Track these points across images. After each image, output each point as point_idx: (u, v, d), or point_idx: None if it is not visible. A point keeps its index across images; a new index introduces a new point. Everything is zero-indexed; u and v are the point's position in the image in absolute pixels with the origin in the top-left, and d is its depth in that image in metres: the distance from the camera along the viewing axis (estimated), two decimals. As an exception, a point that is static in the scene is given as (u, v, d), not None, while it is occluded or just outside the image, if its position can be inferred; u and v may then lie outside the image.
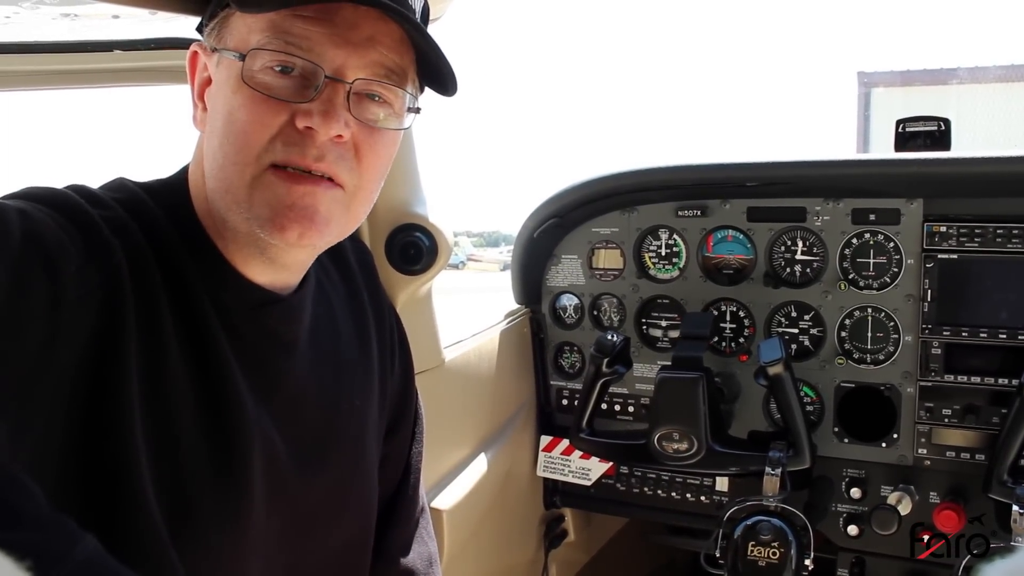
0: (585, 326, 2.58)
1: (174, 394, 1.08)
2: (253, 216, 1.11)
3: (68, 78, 1.87)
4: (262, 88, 1.09)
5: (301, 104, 1.09)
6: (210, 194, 1.15)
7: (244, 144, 1.09)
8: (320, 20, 1.09)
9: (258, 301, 1.20)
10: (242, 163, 1.10)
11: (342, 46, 1.10)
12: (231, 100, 1.10)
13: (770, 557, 1.97)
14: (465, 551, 2.18)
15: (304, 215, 1.10)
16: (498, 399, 2.44)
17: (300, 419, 1.27)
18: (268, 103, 1.08)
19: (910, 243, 2.17)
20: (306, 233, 1.11)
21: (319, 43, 1.09)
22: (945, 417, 2.15)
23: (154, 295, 1.07)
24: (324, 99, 1.09)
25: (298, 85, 1.10)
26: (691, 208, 2.40)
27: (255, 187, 1.10)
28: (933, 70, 10.81)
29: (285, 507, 1.24)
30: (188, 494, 1.08)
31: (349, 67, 1.11)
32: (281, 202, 1.10)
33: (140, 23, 1.74)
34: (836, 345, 2.27)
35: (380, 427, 1.47)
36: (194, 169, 1.21)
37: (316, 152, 1.09)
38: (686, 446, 2.11)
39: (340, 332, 1.38)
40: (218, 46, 1.15)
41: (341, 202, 1.15)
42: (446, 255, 1.87)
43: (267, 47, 1.08)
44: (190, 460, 1.09)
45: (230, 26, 1.14)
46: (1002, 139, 13.01)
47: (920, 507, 2.15)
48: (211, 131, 1.14)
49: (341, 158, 1.12)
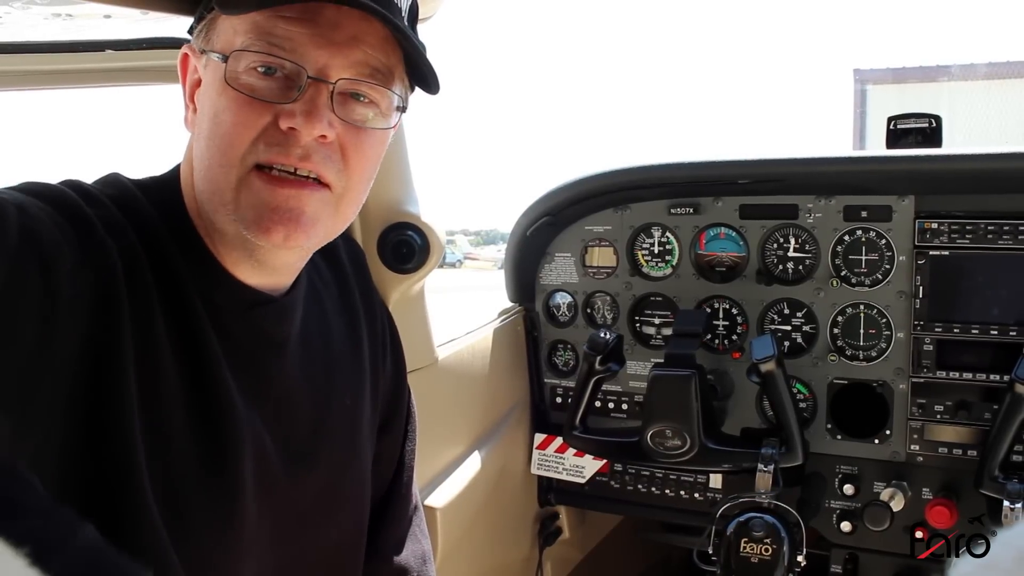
0: (579, 324, 2.58)
1: (167, 394, 1.08)
2: (239, 218, 1.11)
3: (60, 78, 1.87)
4: (245, 89, 1.09)
5: (284, 105, 1.09)
6: (199, 195, 1.16)
7: (228, 145, 1.09)
8: (302, 20, 1.09)
9: (249, 302, 1.20)
10: (227, 165, 1.10)
11: (325, 46, 1.10)
12: (216, 102, 1.11)
13: (762, 553, 1.98)
14: (459, 549, 2.18)
15: (289, 217, 1.10)
16: (492, 397, 2.44)
17: (291, 419, 1.27)
18: (251, 104, 1.09)
19: (902, 240, 2.18)
20: (292, 235, 1.11)
21: (301, 43, 1.09)
22: (937, 413, 2.16)
23: (147, 295, 1.08)
24: (307, 99, 1.09)
25: (281, 86, 1.10)
26: (683, 206, 2.41)
27: (240, 189, 1.10)
28: (928, 67, 10.84)
29: (277, 506, 1.24)
30: (180, 494, 1.08)
31: (332, 67, 1.11)
32: (266, 204, 1.10)
33: (131, 23, 1.74)
34: (828, 342, 2.28)
35: (372, 426, 1.48)
36: (185, 168, 1.21)
37: (300, 151, 1.09)
38: (679, 443, 2.12)
39: (331, 331, 1.39)
40: (206, 47, 1.15)
41: (329, 203, 1.15)
42: (438, 254, 1.87)
43: (250, 48, 1.09)
44: (181, 460, 1.09)
45: (216, 28, 1.15)
46: (996, 135, 13.03)
47: (913, 503, 2.16)
48: (199, 133, 1.15)
49: (327, 159, 1.12)
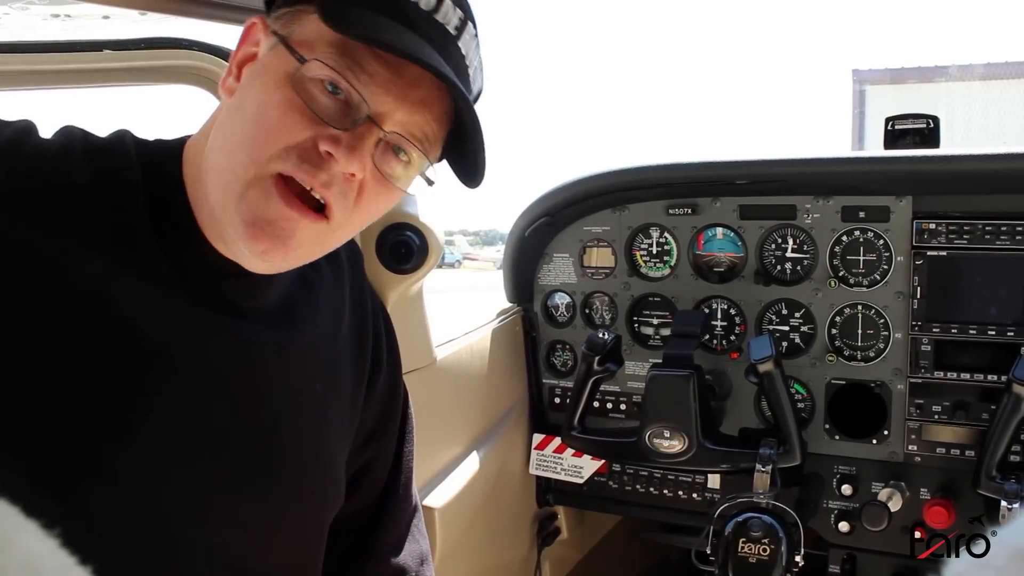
0: (577, 324, 2.58)
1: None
2: (235, 210, 1.10)
3: (58, 78, 1.87)
4: (305, 97, 1.08)
5: (332, 129, 1.08)
6: (210, 163, 1.14)
7: (264, 142, 1.08)
8: (390, 65, 1.09)
9: (219, 272, 1.18)
10: (252, 158, 1.09)
11: (397, 96, 1.10)
12: (271, 94, 1.09)
13: (760, 553, 1.98)
14: (457, 549, 2.18)
15: (277, 235, 1.10)
16: (490, 397, 2.45)
17: (250, 391, 1.24)
18: (303, 113, 1.08)
19: (900, 240, 2.18)
20: (272, 251, 1.11)
21: (378, 83, 1.09)
22: (935, 413, 2.16)
23: (73, 242, 1.07)
24: (357, 134, 1.09)
25: (339, 110, 1.09)
26: (682, 206, 2.41)
27: (253, 184, 1.09)
28: (927, 67, 10.86)
29: (229, 479, 1.21)
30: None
31: (392, 117, 1.11)
32: (264, 214, 1.09)
33: (130, 23, 1.74)
34: (827, 342, 2.28)
35: (350, 423, 1.45)
36: (200, 135, 1.19)
37: (326, 178, 1.09)
38: (677, 443, 2.12)
39: (317, 318, 1.37)
40: (281, 32, 1.13)
41: (318, 235, 1.14)
42: (437, 254, 1.87)
43: (331, 64, 1.08)
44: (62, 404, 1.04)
45: (302, 21, 1.12)
46: (994, 135, 13.04)
47: (910, 503, 2.16)
48: (236, 109, 1.13)
49: (343, 194, 1.12)
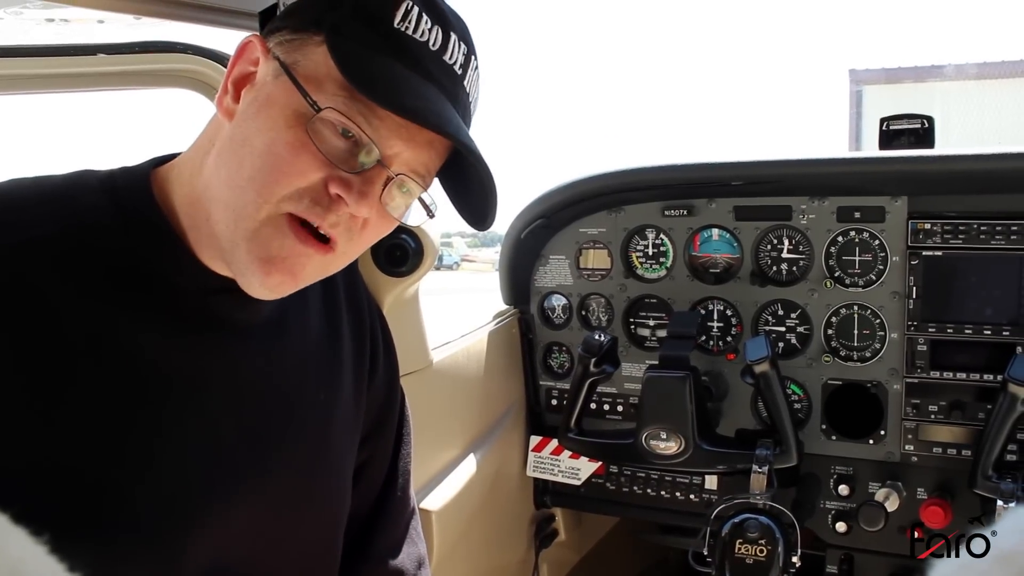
0: (573, 326, 2.58)
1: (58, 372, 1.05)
2: (247, 248, 1.10)
3: (53, 82, 1.86)
4: (317, 140, 1.08)
5: (343, 172, 1.09)
6: (213, 193, 1.13)
7: (274, 182, 1.08)
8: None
9: (213, 288, 1.18)
10: (264, 197, 1.09)
11: (406, 139, 1.11)
12: (280, 132, 1.08)
13: (757, 555, 1.98)
14: (455, 552, 2.18)
15: (290, 270, 1.12)
16: (487, 399, 2.45)
17: (253, 405, 1.25)
18: (315, 156, 1.08)
19: (895, 240, 2.18)
20: (283, 285, 1.13)
21: (388, 128, 1.09)
22: (931, 413, 2.16)
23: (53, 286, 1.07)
24: (366, 178, 1.10)
25: (349, 152, 1.09)
26: (677, 208, 2.41)
27: (267, 223, 1.09)
28: (922, 67, 10.87)
29: (247, 495, 1.22)
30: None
31: (401, 159, 1.12)
32: (279, 251, 1.10)
33: (126, 27, 1.74)
34: (823, 343, 2.28)
35: (354, 426, 1.46)
36: (194, 154, 1.19)
37: (335, 219, 1.10)
38: (674, 445, 2.12)
39: (311, 324, 1.37)
40: (285, 60, 1.11)
41: (323, 264, 1.16)
42: (432, 257, 1.87)
43: (343, 111, 1.07)
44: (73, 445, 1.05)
45: (306, 51, 1.11)
46: (990, 135, 13.07)
47: (907, 503, 2.16)
48: (242, 142, 1.11)
49: (349, 231, 1.13)
